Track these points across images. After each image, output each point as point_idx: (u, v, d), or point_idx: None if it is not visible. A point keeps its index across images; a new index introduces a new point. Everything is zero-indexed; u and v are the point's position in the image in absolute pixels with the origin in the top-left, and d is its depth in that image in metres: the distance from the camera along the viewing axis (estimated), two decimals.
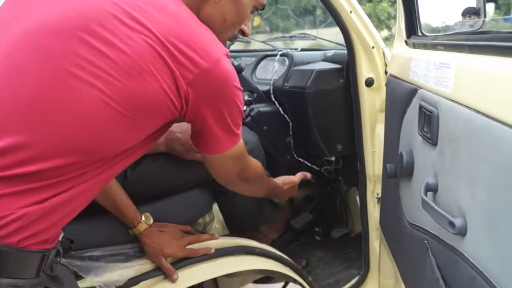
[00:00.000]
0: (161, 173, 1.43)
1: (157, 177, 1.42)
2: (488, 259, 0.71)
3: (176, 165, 1.44)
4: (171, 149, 1.42)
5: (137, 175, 1.40)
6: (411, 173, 1.10)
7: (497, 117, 0.68)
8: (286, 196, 1.59)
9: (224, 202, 1.64)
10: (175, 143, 1.41)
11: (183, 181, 1.47)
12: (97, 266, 1.29)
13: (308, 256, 1.98)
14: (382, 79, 1.57)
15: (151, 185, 1.41)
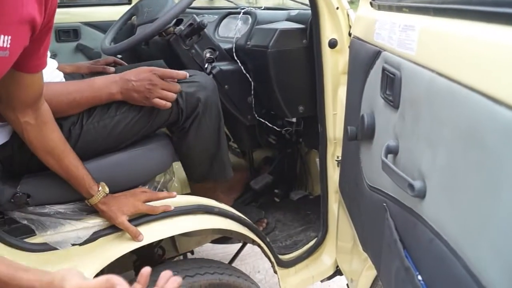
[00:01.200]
0: (117, 124, 1.41)
1: (113, 127, 1.41)
2: (446, 222, 0.71)
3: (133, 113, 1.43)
4: (128, 98, 1.41)
5: (91, 126, 1.38)
6: (372, 135, 1.10)
7: (459, 80, 0.67)
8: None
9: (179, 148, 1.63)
10: (132, 92, 1.39)
11: (140, 130, 1.46)
12: (54, 222, 1.27)
13: (266, 217, 1.99)
14: (345, 41, 1.56)
15: (106, 136, 1.40)
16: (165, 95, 1.42)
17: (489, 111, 0.58)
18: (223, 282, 1.46)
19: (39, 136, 1.21)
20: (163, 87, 1.42)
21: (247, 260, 2.73)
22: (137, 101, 1.42)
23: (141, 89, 1.40)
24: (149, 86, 1.40)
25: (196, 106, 1.50)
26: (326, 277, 1.87)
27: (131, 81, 1.40)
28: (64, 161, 1.25)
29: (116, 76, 1.42)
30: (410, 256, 0.86)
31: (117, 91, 1.39)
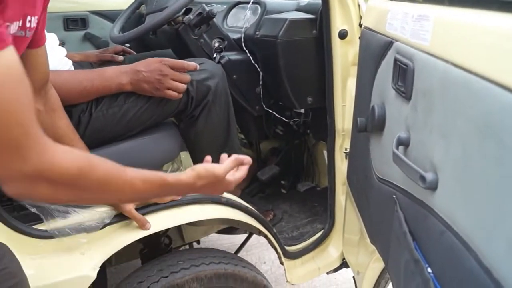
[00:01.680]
0: (126, 112, 1.41)
1: (122, 116, 1.41)
2: (458, 214, 0.70)
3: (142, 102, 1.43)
4: (138, 89, 1.41)
5: (100, 113, 1.38)
6: (383, 127, 1.09)
7: (476, 70, 0.66)
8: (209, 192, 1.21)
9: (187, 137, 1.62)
10: (142, 82, 1.40)
11: (149, 119, 1.46)
12: (63, 211, 1.27)
13: (273, 208, 1.99)
14: (356, 32, 1.55)
15: (115, 124, 1.40)
16: (176, 86, 1.42)
17: (507, 103, 0.58)
18: (229, 272, 1.46)
19: (49, 123, 1.21)
20: (173, 78, 1.42)
21: (252, 251, 2.73)
22: (147, 92, 1.42)
23: (151, 80, 1.40)
24: (159, 76, 1.40)
25: (206, 94, 1.50)
26: (332, 269, 1.87)
27: (141, 72, 1.40)
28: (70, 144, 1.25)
29: (127, 67, 1.42)
30: (420, 249, 0.85)
31: (127, 81, 1.39)
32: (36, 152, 0.72)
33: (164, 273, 1.40)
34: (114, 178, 0.88)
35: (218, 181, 1.09)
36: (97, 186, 0.84)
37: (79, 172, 0.79)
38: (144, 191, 0.94)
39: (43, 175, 0.74)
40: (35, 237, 1.22)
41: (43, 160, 0.74)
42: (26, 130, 0.71)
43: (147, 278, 1.39)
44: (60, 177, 0.76)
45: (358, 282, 1.74)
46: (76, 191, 0.82)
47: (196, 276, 1.41)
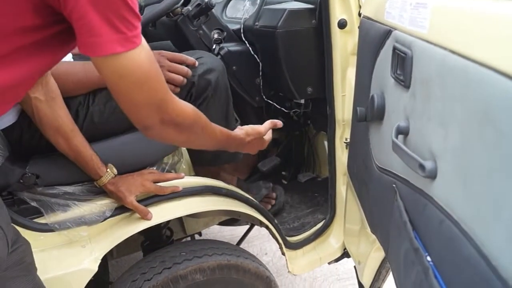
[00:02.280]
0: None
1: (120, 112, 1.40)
2: (457, 203, 0.70)
3: None
4: None
5: (97, 108, 1.38)
6: (382, 116, 1.09)
7: (474, 57, 0.66)
8: (250, 149, 1.41)
9: None
10: None
11: None
12: (63, 205, 1.28)
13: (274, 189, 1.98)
14: (355, 21, 1.54)
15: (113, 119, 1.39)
16: (172, 78, 1.41)
17: (505, 89, 0.57)
18: (231, 263, 1.46)
19: (49, 112, 1.22)
20: (170, 69, 1.41)
21: (254, 242, 2.74)
22: None
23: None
24: None
25: (206, 89, 1.49)
26: (334, 259, 1.87)
27: None
28: (72, 141, 1.26)
29: None
30: (420, 237, 0.85)
31: None
32: (170, 104, 1.00)
33: (167, 264, 1.40)
34: (209, 126, 1.16)
35: (260, 137, 1.37)
36: (201, 131, 1.12)
37: (194, 117, 1.09)
38: (220, 140, 1.22)
39: (174, 121, 1.02)
40: (35, 230, 1.22)
41: (175, 109, 1.01)
42: (165, 91, 0.98)
43: (150, 270, 1.39)
44: (183, 121, 1.04)
45: (359, 272, 1.74)
46: (190, 134, 1.10)
47: (199, 267, 1.41)
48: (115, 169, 1.33)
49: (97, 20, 0.84)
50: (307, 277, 2.47)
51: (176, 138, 1.11)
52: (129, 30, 0.87)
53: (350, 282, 2.39)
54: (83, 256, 1.26)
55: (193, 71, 1.47)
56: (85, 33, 0.86)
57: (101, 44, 0.86)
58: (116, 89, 0.95)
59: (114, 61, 0.89)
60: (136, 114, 0.99)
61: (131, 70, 0.91)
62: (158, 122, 0.99)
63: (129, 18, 0.87)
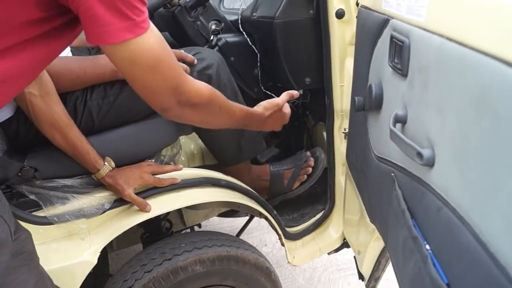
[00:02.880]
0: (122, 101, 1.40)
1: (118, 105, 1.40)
2: (455, 190, 0.70)
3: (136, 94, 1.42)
4: None
5: (95, 102, 1.37)
6: (380, 105, 1.09)
7: (471, 44, 0.66)
8: (272, 125, 1.43)
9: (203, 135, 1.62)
10: None
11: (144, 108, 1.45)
12: (61, 198, 1.28)
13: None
14: (353, 11, 1.54)
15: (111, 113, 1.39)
16: None
17: (502, 75, 0.57)
18: (231, 254, 1.46)
19: (44, 108, 1.21)
20: None
21: (254, 234, 2.75)
22: None
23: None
24: None
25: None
26: (333, 249, 1.88)
27: None
28: (69, 135, 1.25)
29: None
30: (418, 226, 0.85)
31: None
32: (186, 86, 1.02)
33: (167, 256, 1.40)
34: (226, 104, 1.18)
35: (279, 110, 1.38)
36: (218, 110, 1.14)
37: (210, 96, 1.10)
38: (239, 117, 1.23)
39: (190, 101, 1.04)
40: (34, 223, 1.22)
41: (191, 90, 1.03)
42: (179, 72, 1.00)
43: (150, 261, 1.40)
44: (200, 101, 1.06)
45: (359, 262, 1.74)
46: (206, 114, 1.12)
47: (199, 258, 1.41)
48: (113, 162, 1.33)
49: (105, 10, 0.84)
50: (307, 268, 2.48)
51: (193, 118, 1.12)
52: (137, 16, 0.88)
53: (350, 272, 2.40)
54: (83, 249, 1.26)
55: (192, 67, 1.47)
56: (93, 23, 0.86)
57: (110, 32, 0.86)
58: (130, 76, 0.96)
59: (124, 48, 0.89)
60: (154, 98, 1.01)
61: (142, 55, 0.91)
62: (176, 104, 1.02)
63: (135, 3, 0.87)
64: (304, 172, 1.81)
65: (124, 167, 1.36)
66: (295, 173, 1.80)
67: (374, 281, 1.72)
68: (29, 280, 0.98)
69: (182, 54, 1.45)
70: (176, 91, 1.00)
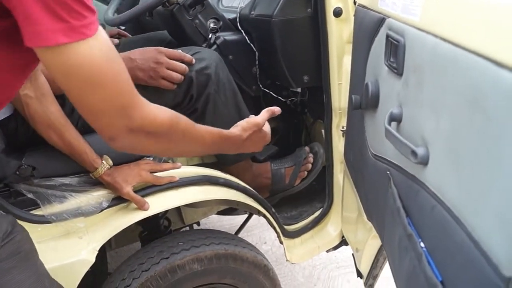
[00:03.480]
0: None
1: None
2: (448, 188, 0.71)
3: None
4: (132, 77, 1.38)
5: None
6: (376, 104, 1.09)
7: (463, 44, 0.66)
8: (251, 147, 1.29)
9: None
10: (136, 70, 1.38)
11: None
12: (59, 196, 1.28)
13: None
14: (350, 10, 1.54)
15: None
16: (170, 75, 1.41)
17: (493, 75, 0.58)
18: (229, 252, 1.47)
19: (40, 109, 1.22)
20: (168, 67, 1.41)
21: (253, 232, 2.75)
22: (141, 80, 1.40)
23: (146, 68, 1.39)
24: (154, 65, 1.39)
25: (207, 85, 1.48)
26: (332, 247, 1.88)
27: (135, 60, 1.39)
28: (65, 135, 1.25)
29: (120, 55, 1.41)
30: (413, 224, 0.85)
31: None
32: (138, 110, 0.88)
33: (164, 254, 1.41)
34: (192, 130, 1.04)
35: (259, 130, 1.24)
36: (182, 137, 1.01)
37: (170, 124, 0.95)
38: (211, 142, 1.10)
39: (144, 129, 0.90)
40: (32, 222, 1.23)
41: (144, 116, 0.89)
42: (129, 95, 0.87)
43: (148, 260, 1.40)
44: (157, 129, 0.92)
45: (357, 260, 1.75)
46: (167, 142, 0.98)
47: (197, 256, 1.42)
48: (111, 160, 1.33)
49: (39, 9, 0.75)
50: (306, 266, 2.49)
51: (151, 148, 1.00)
52: (75, 20, 0.77)
53: (349, 270, 2.40)
54: (81, 247, 1.26)
55: (190, 67, 1.47)
56: (24, 20, 0.77)
57: (41, 32, 0.76)
58: (67, 90, 0.84)
59: (58, 54, 0.78)
60: (96, 121, 0.88)
61: (79, 66, 0.79)
62: (125, 131, 0.88)
63: (75, 6, 0.77)
64: (304, 169, 1.81)
65: (122, 165, 1.36)
66: (295, 171, 1.80)
67: (372, 278, 1.73)
68: (25, 281, 0.97)
69: (181, 54, 1.45)
70: (124, 114, 0.86)
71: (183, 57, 1.45)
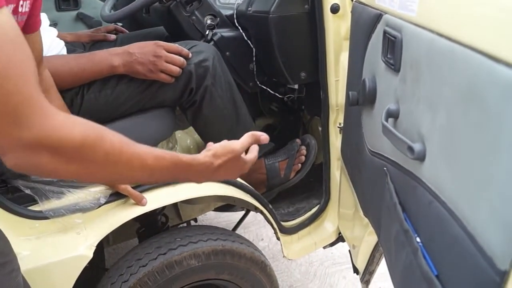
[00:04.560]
0: (119, 94, 1.41)
1: (114, 98, 1.41)
2: (445, 184, 0.71)
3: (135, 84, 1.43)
4: (131, 71, 1.40)
5: (93, 96, 1.38)
6: (374, 100, 1.09)
7: (460, 40, 0.66)
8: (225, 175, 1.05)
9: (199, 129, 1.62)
10: (135, 64, 1.38)
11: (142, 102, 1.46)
12: (57, 192, 1.28)
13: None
14: (348, 6, 1.54)
15: (108, 107, 1.40)
16: (170, 68, 1.41)
17: (489, 70, 0.58)
18: (226, 248, 1.47)
19: None
20: (167, 60, 1.41)
21: (250, 228, 2.75)
22: (141, 74, 1.41)
23: (145, 61, 1.39)
24: (153, 58, 1.39)
25: (205, 77, 1.49)
26: (329, 243, 1.88)
27: (134, 54, 1.39)
28: None
29: (119, 49, 1.41)
30: (409, 219, 0.86)
31: (119, 63, 1.38)
32: (36, 118, 0.68)
33: (162, 250, 1.41)
34: (124, 152, 0.79)
35: (236, 158, 1.02)
36: (104, 160, 0.76)
37: (83, 141, 0.72)
38: (155, 168, 0.85)
39: (43, 143, 0.69)
40: (30, 218, 1.23)
41: (43, 127, 0.68)
42: (25, 96, 0.67)
43: (145, 256, 1.40)
44: (62, 146, 0.70)
45: (354, 256, 1.75)
46: (80, 164, 0.74)
47: (194, 252, 1.42)
48: None
49: None
50: (303, 262, 2.49)
51: (62, 172, 0.75)
52: None
53: (346, 266, 2.40)
54: (78, 243, 1.26)
55: (190, 59, 1.47)
56: None
57: None
58: None
59: None
60: None
61: None
62: (19, 145, 0.68)
63: None
64: (298, 161, 1.82)
65: None
66: (289, 164, 1.80)
67: (368, 274, 1.73)
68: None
69: (178, 47, 1.45)
70: (18, 121, 0.67)
71: (180, 51, 1.45)
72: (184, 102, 1.52)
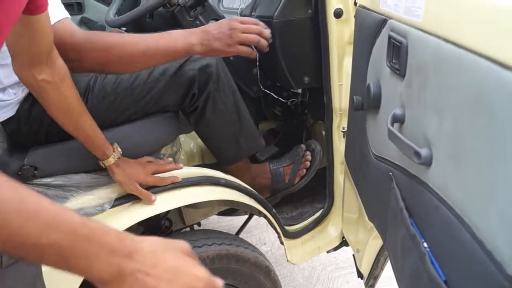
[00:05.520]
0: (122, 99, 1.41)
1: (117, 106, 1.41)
2: (452, 189, 0.71)
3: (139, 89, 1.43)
4: (209, 49, 1.36)
5: (96, 101, 1.38)
6: (378, 105, 1.10)
7: (466, 45, 0.67)
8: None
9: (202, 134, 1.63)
10: (213, 41, 1.35)
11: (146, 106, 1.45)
12: (61, 197, 1.28)
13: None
14: (351, 11, 1.54)
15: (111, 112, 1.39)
16: (247, 38, 1.39)
17: (496, 76, 0.58)
18: (231, 252, 1.47)
19: (56, 94, 1.17)
20: (244, 31, 1.39)
21: (253, 232, 2.76)
22: (219, 51, 1.38)
23: (221, 36, 1.36)
24: (229, 31, 1.37)
25: (208, 83, 1.48)
26: (332, 248, 1.88)
27: (210, 32, 1.37)
28: (80, 121, 1.23)
29: (195, 29, 1.39)
30: (416, 224, 0.86)
31: (197, 42, 1.35)
32: None
33: None
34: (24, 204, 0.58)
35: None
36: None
37: None
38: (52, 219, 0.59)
39: None
40: None
41: None
42: None
43: None
44: None
45: (358, 260, 1.75)
46: None
47: (199, 257, 1.40)
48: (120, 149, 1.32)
49: None
50: (306, 266, 2.49)
51: None
52: None
53: (349, 271, 2.41)
54: None
55: (193, 64, 1.47)
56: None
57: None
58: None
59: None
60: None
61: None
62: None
63: None
64: (303, 167, 1.82)
65: (131, 159, 1.36)
66: (294, 169, 1.81)
67: (373, 279, 1.73)
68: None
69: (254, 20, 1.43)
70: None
71: (256, 22, 1.44)
72: (186, 107, 1.52)
